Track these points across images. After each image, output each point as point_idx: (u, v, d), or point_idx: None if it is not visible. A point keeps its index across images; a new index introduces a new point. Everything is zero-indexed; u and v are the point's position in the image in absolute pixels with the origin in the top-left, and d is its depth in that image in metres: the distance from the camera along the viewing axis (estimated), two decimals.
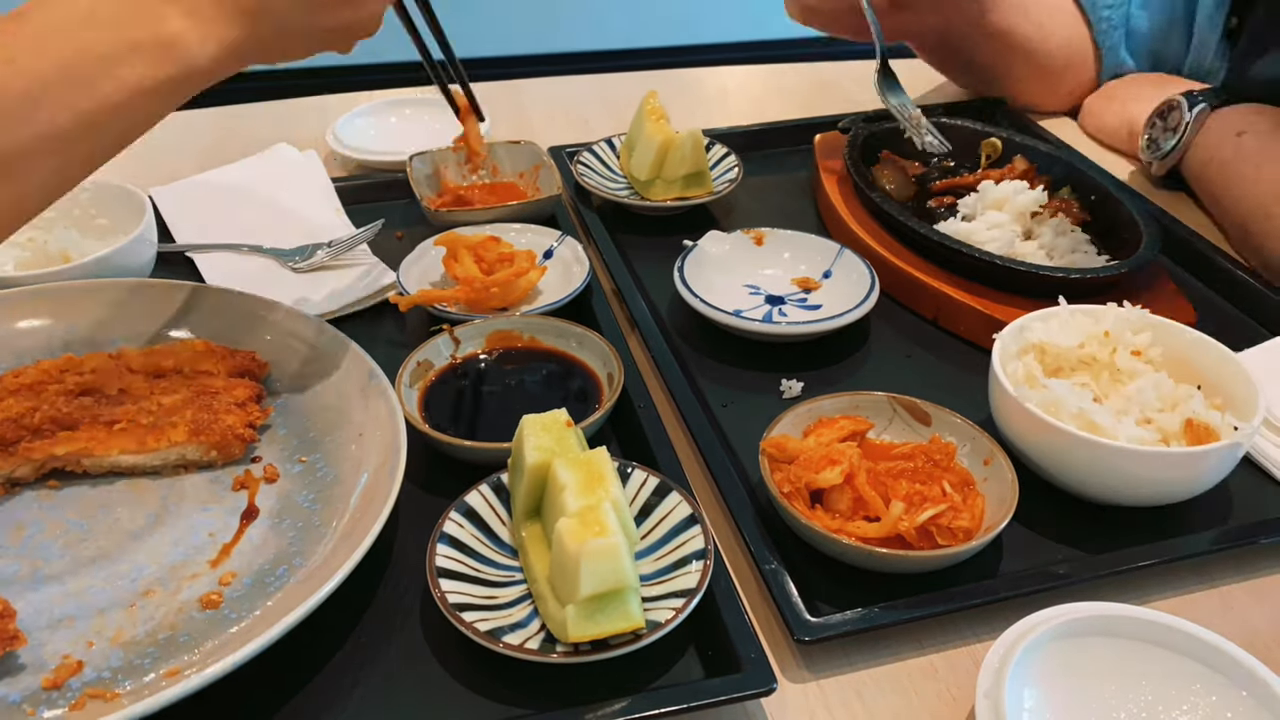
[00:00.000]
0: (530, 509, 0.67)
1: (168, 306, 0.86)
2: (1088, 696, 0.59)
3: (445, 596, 0.61)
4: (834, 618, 0.63)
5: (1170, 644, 0.60)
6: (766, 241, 0.99)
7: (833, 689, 0.63)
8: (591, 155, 1.14)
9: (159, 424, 0.74)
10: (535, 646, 0.60)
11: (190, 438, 0.73)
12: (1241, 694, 0.58)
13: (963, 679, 0.64)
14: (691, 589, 0.61)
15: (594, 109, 1.38)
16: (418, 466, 0.75)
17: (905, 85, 1.11)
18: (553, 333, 0.85)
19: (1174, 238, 1.03)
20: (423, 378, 0.81)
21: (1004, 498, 0.68)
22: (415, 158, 1.08)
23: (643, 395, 0.80)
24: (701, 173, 1.06)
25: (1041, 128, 1.25)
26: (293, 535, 0.69)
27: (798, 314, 0.92)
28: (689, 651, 0.63)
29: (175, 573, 0.67)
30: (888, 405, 0.76)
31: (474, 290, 0.89)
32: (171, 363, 0.80)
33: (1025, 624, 0.61)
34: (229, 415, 0.75)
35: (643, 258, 1.02)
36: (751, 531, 0.69)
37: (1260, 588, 0.70)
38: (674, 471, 0.73)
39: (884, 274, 0.94)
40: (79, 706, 0.57)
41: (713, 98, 1.45)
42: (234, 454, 0.75)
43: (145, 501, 0.72)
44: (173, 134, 1.28)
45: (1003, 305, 0.89)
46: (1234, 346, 0.79)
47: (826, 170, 1.11)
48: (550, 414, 0.67)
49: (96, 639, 0.62)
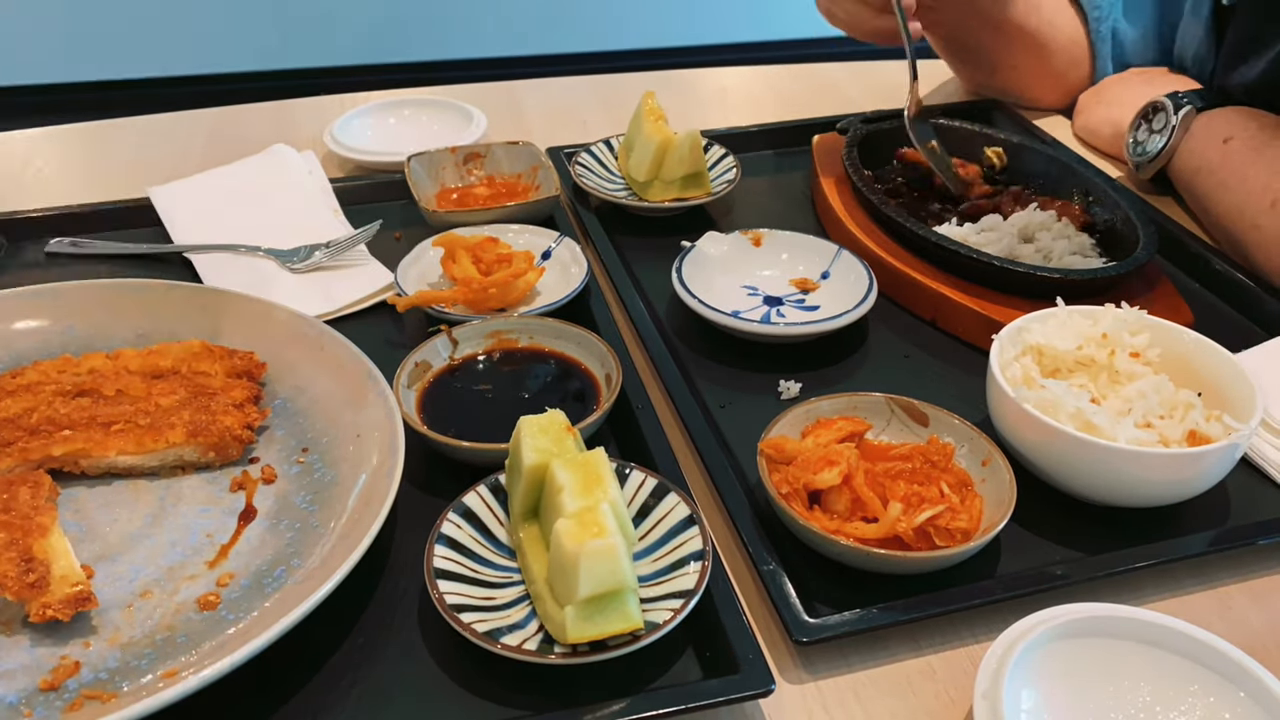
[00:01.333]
0: (528, 510, 0.67)
1: (166, 307, 0.86)
2: (1085, 697, 0.59)
3: (443, 597, 0.61)
4: (832, 619, 0.63)
5: (1168, 645, 0.60)
6: (764, 242, 0.99)
7: (830, 690, 0.63)
8: (590, 156, 1.14)
9: (156, 425, 0.74)
10: (533, 647, 0.60)
11: (188, 439, 0.73)
12: (1239, 695, 0.58)
13: (960, 680, 0.64)
14: (690, 590, 0.61)
15: (592, 110, 1.38)
16: (416, 467, 0.75)
17: (902, 87, 1.11)
18: (551, 334, 0.85)
19: (1171, 239, 1.03)
20: (421, 379, 0.81)
21: (1002, 499, 0.68)
22: (413, 158, 1.08)
23: (641, 396, 0.80)
24: (700, 174, 1.06)
25: (1039, 128, 1.25)
26: (290, 536, 0.69)
27: (796, 315, 0.92)
28: (687, 652, 0.63)
29: (173, 574, 0.67)
30: (885, 406, 0.76)
31: (472, 291, 0.89)
32: (169, 363, 0.80)
33: (1023, 625, 0.61)
34: (227, 416, 0.75)
35: (641, 259, 1.02)
36: (750, 532, 0.69)
37: (1258, 589, 0.70)
38: (672, 472, 0.73)
39: (882, 275, 0.94)
40: (76, 708, 0.57)
41: (711, 99, 1.45)
42: (231, 455, 0.74)
43: (143, 502, 0.72)
44: (172, 134, 1.29)
45: (1000, 306, 0.89)
46: (1232, 348, 0.79)
47: (825, 171, 1.11)
48: (548, 415, 0.67)
49: (94, 640, 0.62)
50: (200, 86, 3.71)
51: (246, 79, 3.74)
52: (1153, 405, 0.73)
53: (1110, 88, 1.26)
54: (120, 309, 0.85)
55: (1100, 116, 1.24)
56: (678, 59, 3.95)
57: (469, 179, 1.11)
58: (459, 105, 1.28)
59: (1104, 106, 1.24)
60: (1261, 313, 0.94)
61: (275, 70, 3.75)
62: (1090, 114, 1.27)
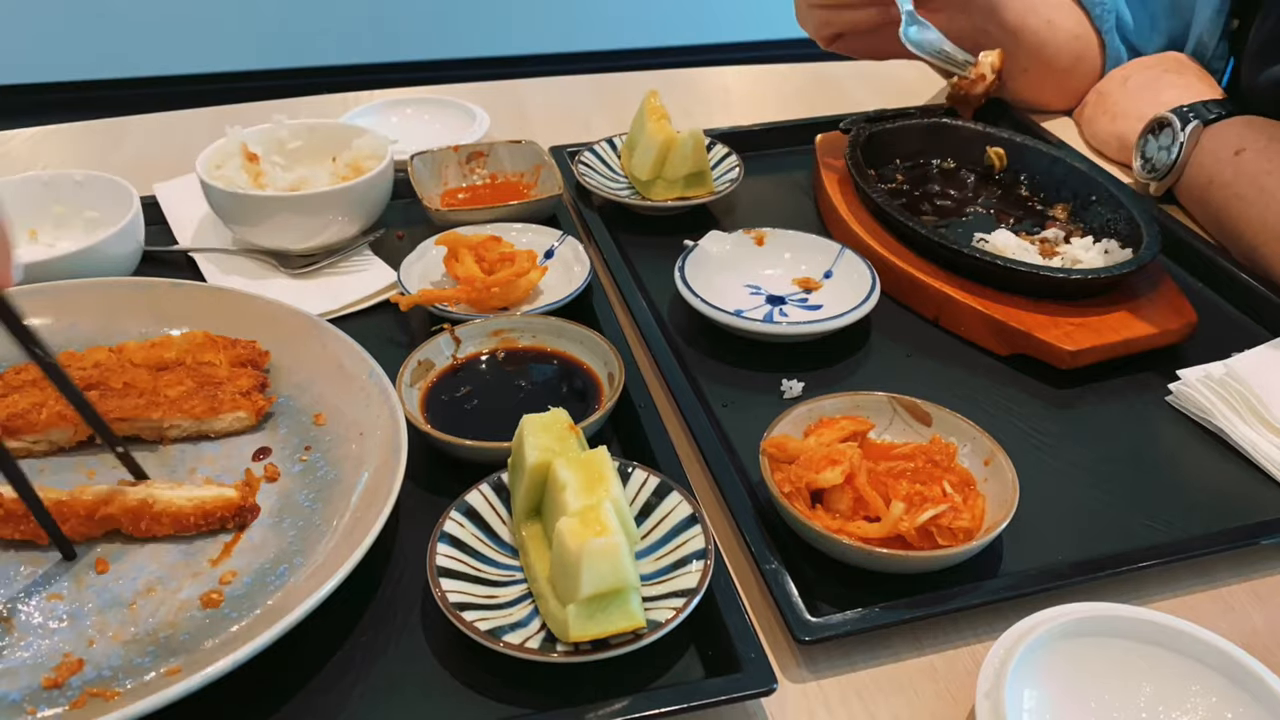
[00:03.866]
0: (531, 508, 0.67)
1: (169, 305, 0.86)
2: (1087, 697, 0.59)
3: (446, 595, 0.61)
4: (834, 618, 0.63)
5: (1170, 644, 0.60)
6: (767, 241, 0.99)
7: (833, 689, 0.63)
8: (592, 155, 1.14)
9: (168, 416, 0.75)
10: (535, 646, 0.60)
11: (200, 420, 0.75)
12: (1241, 694, 0.58)
13: (963, 679, 0.64)
14: (692, 589, 0.61)
15: (595, 109, 1.38)
16: (418, 466, 0.75)
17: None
18: (553, 332, 0.85)
19: (1175, 238, 1.03)
20: (424, 377, 0.81)
21: (1004, 498, 0.68)
22: (416, 157, 1.08)
23: (643, 395, 0.80)
24: (702, 172, 1.06)
25: (1043, 128, 1.25)
26: (293, 534, 0.69)
27: (798, 314, 0.92)
28: (689, 651, 0.63)
29: (176, 571, 0.67)
30: (888, 405, 0.76)
31: (475, 290, 0.89)
32: (173, 355, 0.80)
33: (1025, 624, 0.61)
34: (234, 403, 0.76)
35: (643, 258, 1.02)
36: (752, 531, 0.69)
37: (1260, 588, 0.70)
38: (674, 471, 0.73)
39: (885, 274, 0.94)
40: (79, 705, 0.57)
41: (714, 97, 1.45)
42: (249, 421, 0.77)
43: None
44: (173, 134, 1.29)
45: (1004, 306, 0.89)
46: (1234, 347, 0.79)
47: (828, 170, 1.11)
48: (551, 413, 0.67)
49: (97, 637, 0.62)
50: (202, 85, 3.71)
51: (249, 77, 3.75)
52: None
53: (1113, 95, 1.25)
54: (123, 307, 0.85)
55: (1106, 131, 1.23)
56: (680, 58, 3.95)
57: (471, 178, 1.11)
58: (461, 104, 1.28)
59: (1108, 118, 1.23)
60: (1264, 312, 0.94)
61: (278, 69, 3.76)
62: (1096, 126, 1.26)
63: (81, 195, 0.98)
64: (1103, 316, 0.88)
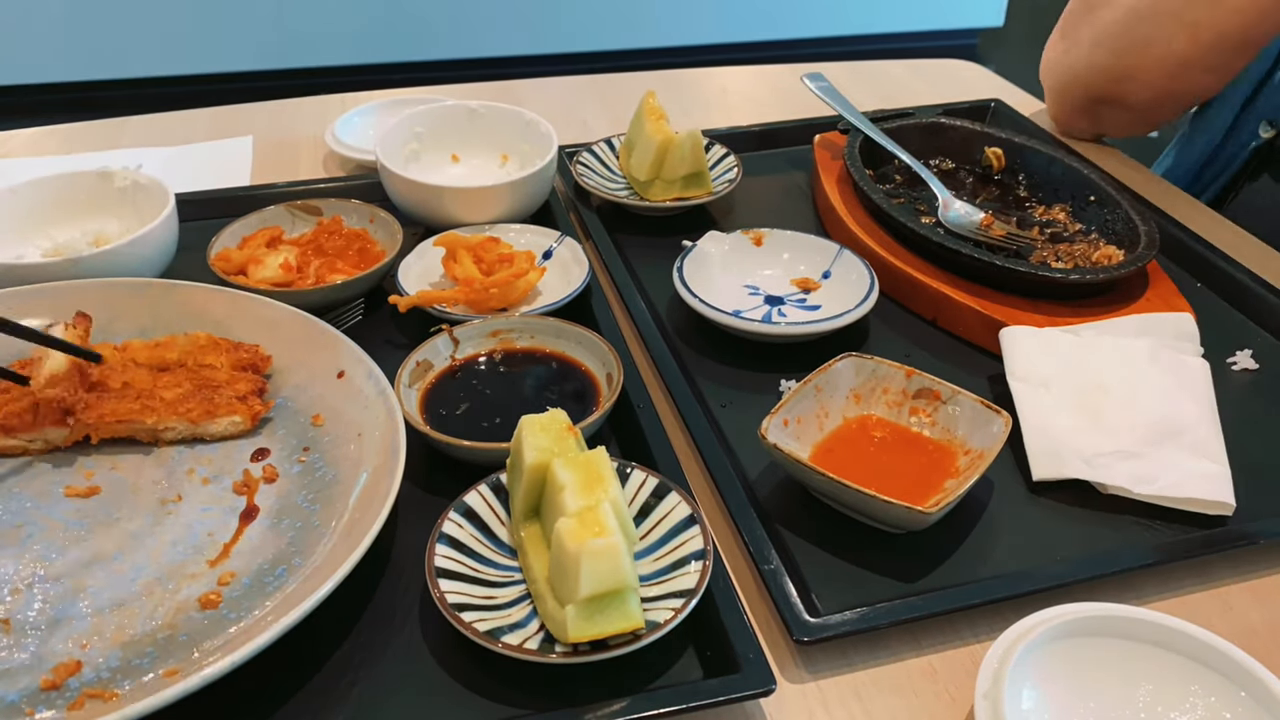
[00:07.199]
0: (529, 509, 0.67)
1: (169, 306, 0.86)
2: (1086, 697, 0.59)
3: (444, 596, 0.61)
4: (833, 618, 0.63)
5: (1169, 644, 0.60)
6: (766, 242, 0.99)
7: (831, 689, 0.63)
8: (591, 155, 1.14)
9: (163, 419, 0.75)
10: (534, 646, 0.60)
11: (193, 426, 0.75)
12: (1240, 694, 0.58)
13: (961, 679, 0.64)
14: (691, 589, 0.61)
15: (593, 109, 1.38)
16: (417, 467, 0.75)
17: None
18: (552, 333, 0.85)
19: (1172, 238, 1.03)
20: (422, 378, 0.81)
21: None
22: None
23: (642, 395, 0.80)
24: (701, 173, 1.06)
25: (1039, 128, 1.25)
26: (292, 535, 0.69)
27: (797, 314, 0.92)
28: (688, 652, 0.63)
29: (174, 572, 0.67)
30: None
31: (473, 291, 0.89)
32: (175, 355, 0.80)
33: (1024, 624, 0.61)
34: (230, 408, 0.76)
35: (642, 258, 1.02)
36: (751, 532, 0.69)
37: (1259, 588, 0.70)
38: (673, 472, 0.73)
39: (883, 274, 0.94)
40: (77, 706, 0.57)
41: (712, 98, 1.45)
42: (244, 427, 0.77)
43: (144, 502, 0.72)
44: (173, 134, 1.29)
45: (1002, 306, 0.89)
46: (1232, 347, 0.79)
47: (826, 170, 1.11)
48: (549, 414, 0.67)
49: (95, 639, 0.62)
50: (201, 85, 3.71)
51: (247, 78, 3.75)
52: None
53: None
54: (121, 307, 0.85)
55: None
56: (679, 58, 3.95)
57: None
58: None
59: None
60: (1262, 311, 0.94)
61: (276, 70, 3.76)
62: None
63: (124, 192, 0.99)
64: (1100, 317, 0.88)
